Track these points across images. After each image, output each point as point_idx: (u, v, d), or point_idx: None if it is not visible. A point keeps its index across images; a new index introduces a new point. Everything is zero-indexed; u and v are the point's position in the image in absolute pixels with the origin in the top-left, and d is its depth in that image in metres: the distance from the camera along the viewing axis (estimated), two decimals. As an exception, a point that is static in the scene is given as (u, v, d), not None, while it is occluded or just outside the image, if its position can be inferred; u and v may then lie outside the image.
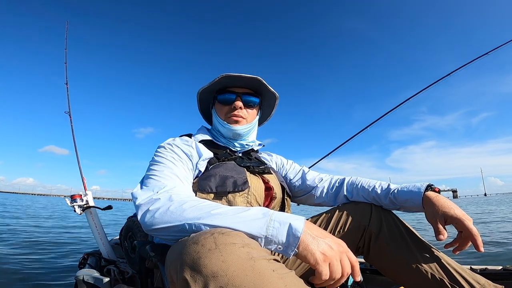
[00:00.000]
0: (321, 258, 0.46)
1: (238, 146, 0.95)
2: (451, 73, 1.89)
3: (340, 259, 0.48)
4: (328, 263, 0.46)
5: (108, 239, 1.52)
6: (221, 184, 0.77)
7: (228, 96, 0.91)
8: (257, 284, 0.37)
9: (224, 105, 0.92)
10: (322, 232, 0.51)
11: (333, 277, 0.46)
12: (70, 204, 1.46)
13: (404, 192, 0.82)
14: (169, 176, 0.71)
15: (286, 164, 1.11)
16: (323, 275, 0.46)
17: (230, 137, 0.93)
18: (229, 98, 0.91)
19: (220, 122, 0.93)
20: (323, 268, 0.46)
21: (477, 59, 1.88)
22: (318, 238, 0.48)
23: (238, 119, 0.91)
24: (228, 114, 0.91)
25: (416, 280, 0.73)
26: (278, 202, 0.90)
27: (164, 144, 0.83)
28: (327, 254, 0.47)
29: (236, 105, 0.90)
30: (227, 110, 0.92)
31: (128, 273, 1.20)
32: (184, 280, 0.40)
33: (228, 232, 0.45)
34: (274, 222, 0.49)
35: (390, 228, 0.81)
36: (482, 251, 0.67)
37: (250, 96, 0.93)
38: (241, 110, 0.91)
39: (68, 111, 1.87)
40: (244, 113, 0.92)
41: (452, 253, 0.75)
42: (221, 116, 0.93)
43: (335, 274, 0.46)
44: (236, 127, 0.91)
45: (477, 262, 1.82)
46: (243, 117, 0.91)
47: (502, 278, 0.99)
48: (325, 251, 0.47)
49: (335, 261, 0.47)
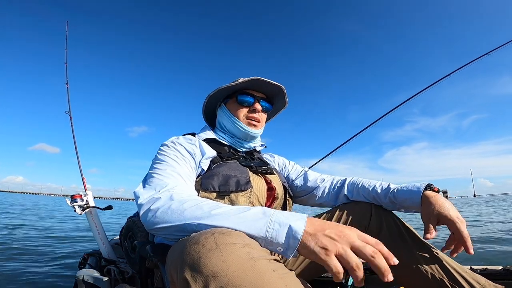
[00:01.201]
0: (323, 253, 0.44)
1: (246, 147, 0.96)
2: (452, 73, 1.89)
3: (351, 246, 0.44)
4: (333, 255, 0.44)
5: (108, 239, 1.52)
6: (224, 183, 0.77)
7: (249, 98, 0.93)
8: (258, 284, 0.37)
9: (244, 107, 0.94)
10: (323, 224, 0.48)
11: (350, 265, 0.43)
12: (71, 204, 1.46)
13: (404, 192, 0.83)
14: (172, 174, 0.71)
15: (288, 165, 1.12)
16: (332, 268, 0.43)
17: (242, 138, 0.95)
18: (250, 100, 0.93)
19: (236, 122, 0.93)
20: (328, 261, 0.43)
21: (477, 59, 1.88)
22: (317, 233, 0.46)
23: (256, 123, 0.94)
24: (248, 116, 0.93)
25: (416, 280, 0.73)
26: (280, 202, 0.90)
27: (168, 142, 0.83)
28: (329, 247, 0.44)
29: (257, 108, 0.93)
30: (246, 112, 0.94)
31: (128, 273, 1.20)
32: (184, 279, 0.40)
33: (228, 232, 0.44)
34: (274, 223, 0.48)
35: (390, 228, 0.81)
36: (472, 253, 0.68)
37: (267, 102, 0.98)
38: (259, 113, 0.95)
39: (68, 111, 1.87)
40: (261, 117, 0.96)
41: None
42: (238, 117, 0.93)
43: (351, 263, 0.42)
44: (254, 130, 0.94)
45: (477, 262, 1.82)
46: (260, 120, 0.95)
47: (502, 278, 0.99)
48: (326, 245, 0.44)
49: (342, 250, 0.43)
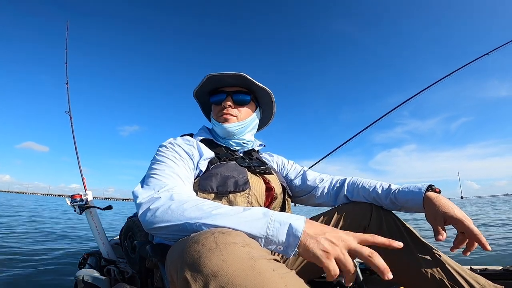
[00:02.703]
0: (323, 255, 0.45)
1: (235, 145, 0.95)
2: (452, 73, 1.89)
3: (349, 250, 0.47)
4: (333, 258, 0.46)
5: (108, 239, 1.52)
6: (222, 184, 0.77)
7: (219, 96, 0.94)
8: (258, 283, 0.37)
9: (216, 105, 0.95)
10: (322, 228, 0.50)
11: (347, 269, 0.46)
12: (70, 204, 1.46)
13: (405, 193, 0.82)
14: (170, 175, 0.71)
15: (287, 164, 1.11)
16: (331, 270, 0.45)
17: (224, 136, 0.94)
18: (220, 98, 0.93)
19: (213, 122, 0.96)
20: (328, 264, 0.45)
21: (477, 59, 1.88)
22: (318, 236, 0.48)
23: (227, 117, 0.91)
24: (219, 113, 0.93)
25: (416, 280, 0.73)
26: (278, 202, 0.90)
27: (166, 143, 0.84)
28: (329, 250, 0.46)
29: (224, 104, 0.91)
30: (219, 110, 0.94)
31: (128, 273, 1.20)
32: (184, 279, 0.40)
33: (228, 231, 0.45)
34: (274, 222, 0.49)
35: (390, 228, 0.81)
36: (490, 249, 0.66)
37: (240, 94, 0.94)
38: (231, 108, 0.92)
39: (68, 111, 1.87)
40: (234, 111, 0.92)
41: (451, 252, 0.75)
42: (213, 116, 0.96)
43: (348, 266, 0.45)
44: (226, 125, 0.91)
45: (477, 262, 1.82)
46: (233, 114, 0.92)
47: (502, 278, 0.98)
48: (326, 248, 0.46)
49: (341, 254, 0.46)
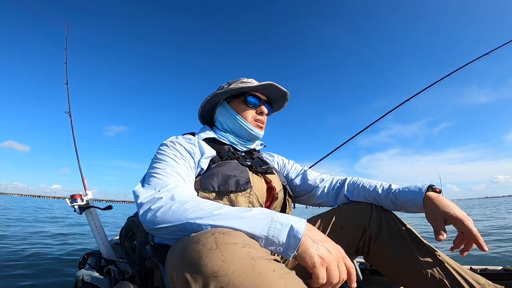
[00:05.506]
0: (319, 262, 0.46)
1: (247, 147, 0.97)
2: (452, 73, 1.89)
3: (337, 264, 0.48)
4: (326, 267, 0.47)
5: (108, 239, 1.52)
6: (224, 183, 0.76)
7: (256, 101, 0.96)
8: (258, 284, 0.37)
9: (251, 108, 0.95)
10: (322, 236, 0.51)
11: (330, 281, 0.46)
12: (70, 204, 1.46)
13: (405, 192, 0.82)
14: (171, 174, 0.70)
15: (287, 164, 1.11)
16: (320, 278, 0.46)
17: (247, 138, 0.96)
18: (257, 103, 0.96)
19: (243, 123, 0.93)
20: (320, 271, 0.46)
21: (477, 59, 1.88)
22: (318, 242, 0.48)
23: (263, 126, 0.97)
24: (256, 118, 0.95)
25: (416, 280, 0.73)
26: (279, 202, 0.90)
27: (167, 142, 0.83)
28: (325, 258, 0.47)
29: (264, 111, 0.96)
30: (254, 114, 0.95)
31: (128, 273, 1.20)
32: (184, 279, 0.40)
33: (229, 232, 0.45)
34: (275, 223, 0.49)
35: (390, 229, 0.81)
36: (487, 250, 0.67)
37: (268, 105, 1.01)
38: (264, 116, 0.97)
39: (68, 111, 1.87)
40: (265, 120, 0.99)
41: (451, 252, 0.75)
42: (246, 118, 0.94)
43: (333, 279, 0.47)
44: (260, 132, 0.96)
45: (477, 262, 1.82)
46: (264, 122, 0.98)
47: (502, 278, 0.99)
48: (323, 255, 0.47)
49: (333, 265, 0.47)
